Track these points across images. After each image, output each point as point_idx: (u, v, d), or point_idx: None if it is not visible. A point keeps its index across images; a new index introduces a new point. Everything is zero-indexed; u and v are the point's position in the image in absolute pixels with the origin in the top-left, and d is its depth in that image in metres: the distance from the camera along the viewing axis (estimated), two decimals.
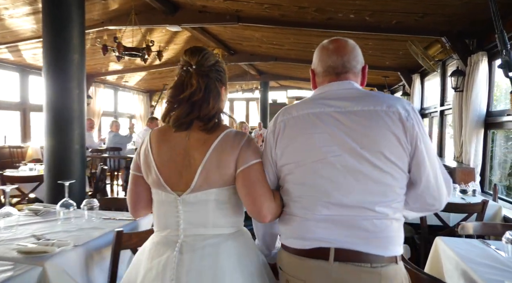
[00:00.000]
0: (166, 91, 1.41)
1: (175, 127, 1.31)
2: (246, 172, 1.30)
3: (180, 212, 1.32)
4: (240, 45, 8.12)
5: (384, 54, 6.97)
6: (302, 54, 7.94)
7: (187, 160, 1.31)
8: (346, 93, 1.32)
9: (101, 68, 8.98)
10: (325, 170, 1.24)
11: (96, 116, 10.08)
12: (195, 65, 1.33)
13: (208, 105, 1.32)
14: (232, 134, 1.34)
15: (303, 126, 1.29)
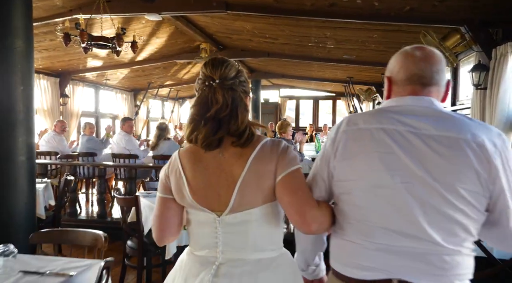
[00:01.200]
0: (190, 110, 1.30)
1: (205, 147, 1.23)
2: (287, 179, 1.22)
3: (219, 233, 1.26)
4: (230, 39, 7.42)
5: (388, 49, 6.33)
6: (298, 49, 7.26)
7: (223, 178, 1.23)
8: (425, 112, 1.18)
9: (78, 64, 8.21)
10: (391, 196, 1.14)
11: (75, 117, 9.30)
12: (219, 79, 1.24)
13: (236, 120, 1.23)
14: (269, 144, 1.25)
15: (370, 143, 1.18)
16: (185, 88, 13.24)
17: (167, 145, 5.55)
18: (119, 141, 5.83)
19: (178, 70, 10.25)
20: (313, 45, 6.65)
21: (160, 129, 5.51)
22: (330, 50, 6.88)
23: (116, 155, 5.76)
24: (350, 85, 10.85)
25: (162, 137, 5.57)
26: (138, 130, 12.10)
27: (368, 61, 7.55)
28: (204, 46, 7.32)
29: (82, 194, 6.65)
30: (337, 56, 7.47)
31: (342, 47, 6.59)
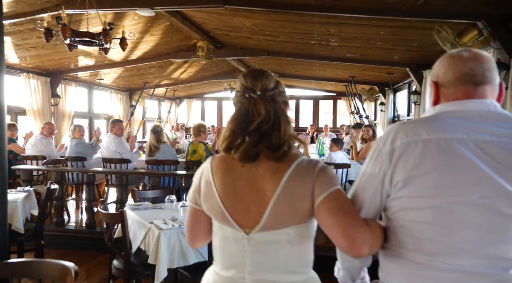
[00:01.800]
0: (228, 122, 1.24)
1: (243, 160, 1.16)
2: (328, 200, 1.14)
3: (247, 252, 1.19)
4: (228, 36, 7.07)
5: (395, 47, 6.01)
6: (299, 47, 6.92)
7: (255, 193, 1.18)
8: (493, 116, 1.10)
9: (69, 63, 7.85)
10: (467, 212, 1.05)
11: (67, 118, 8.94)
12: (260, 90, 1.19)
13: (279, 132, 1.18)
14: (306, 162, 1.19)
15: (439, 156, 1.06)
16: (182, 88, 12.89)
17: (163, 149, 5.20)
18: (109, 144, 5.47)
19: (174, 69, 9.90)
20: (316, 43, 6.31)
21: (156, 133, 5.17)
22: (333, 48, 6.54)
23: (107, 159, 5.41)
24: (352, 85, 10.54)
25: (159, 141, 5.22)
26: (133, 131, 11.76)
27: (373, 60, 7.22)
28: (201, 44, 6.97)
29: (72, 200, 6.32)
30: (340, 55, 7.13)
31: (346, 45, 6.26)
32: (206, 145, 5.18)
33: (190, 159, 5.16)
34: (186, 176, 4.35)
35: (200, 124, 5.26)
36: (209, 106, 15.59)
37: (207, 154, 5.04)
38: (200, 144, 5.10)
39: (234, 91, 1.29)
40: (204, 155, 5.03)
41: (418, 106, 7.16)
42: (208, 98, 15.42)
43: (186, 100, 15.10)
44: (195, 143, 5.17)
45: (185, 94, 14.61)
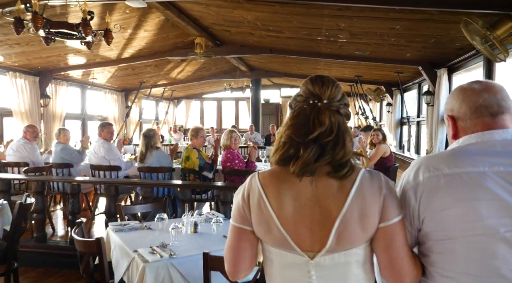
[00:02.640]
0: (283, 128, 1.14)
1: (300, 174, 1.08)
2: (390, 230, 1.10)
3: (313, 279, 1.12)
4: (228, 32, 6.60)
5: (409, 43, 5.54)
6: (304, 44, 6.45)
7: (317, 213, 1.09)
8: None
9: (59, 61, 7.37)
10: (495, 246, 1.05)
11: (58, 120, 8.46)
12: (327, 99, 1.11)
13: (342, 148, 1.09)
14: (368, 177, 1.12)
15: (463, 190, 1.09)
16: (180, 88, 12.42)
17: (156, 155, 4.72)
18: (97, 150, 4.98)
19: (171, 68, 9.43)
20: (323, 40, 5.84)
21: (147, 137, 4.69)
22: (341, 45, 6.07)
23: (95, 166, 4.92)
24: (358, 85, 10.07)
25: (150, 147, 4.74)
26: (129, 133, 11.29)
27: (383, 58, 6.76)
28: (199, 41, 6.50)
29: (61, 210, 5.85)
30: (348, 52, 6.66)
31: (355, 41, 5.78)
32: (201, 151, 4.69)
33: (184, 166, 4.68)
34: (181, 187, 3.88)
35: (198, 127, 4.78)
36: (208, 107, 15.11)
37: (200, 162, 4.55)
38: (193, 150, 4.62)
39: (294, 95, 1.18)
40: (197, 163, 4.55)
41: (431, 107, 6.68)
42: (207, 98, 14.94)
43: (184, 101, 14.63)
44: (189, 148, 4.69)
45: (183, 94, 14.14)
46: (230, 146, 4.65)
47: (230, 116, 14.82)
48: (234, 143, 4.64)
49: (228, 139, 4.63)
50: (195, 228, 2.68)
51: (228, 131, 4.73)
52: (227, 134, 4.67)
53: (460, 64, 6.03)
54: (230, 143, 4.63)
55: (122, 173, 5.12)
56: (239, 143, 4.76)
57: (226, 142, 4.65)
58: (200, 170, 4.58)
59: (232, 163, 4.58)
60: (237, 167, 4.58)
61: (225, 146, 4.68)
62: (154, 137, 4.81)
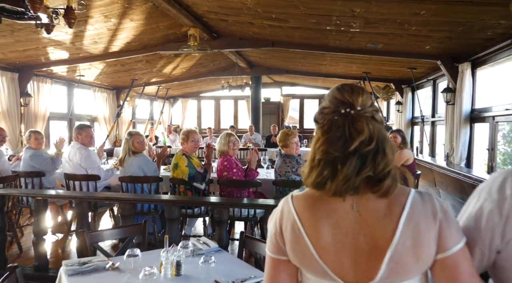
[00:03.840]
0: (314, 145, 1.04)
1: (341, 191, 0.98)
2: (451, 261, 0.97)
3: None
4: (225, 22, 5.89)
5: (431, 33, 4.85)
6: (311, 35, 5.75)
7: (362, 242, 0.99)
8: None
9: (38, 56, 6.67)
10: None
11: (40, 121, 7.76)
12: (360, 106, 1.02)
13: (383, 157, 1.00)
14: (419, 198, 1.01)
15: None
16: (176, 86, 11.71)
17: (137, 162, 4.04)
18: (72, 156, 4.27)
19: (164, 64, 8.72)
20: (332, 30, 5.14)
21: (126, 140, 4.02)
22: (353, 35, 5.37)
23: (69, 175, 4.22)
24: (365, 82, 9.39)
25: (130, 151, 4.06)
26: (121, 134, 10.59)
27: (397, 51, 6.07)
28: (192, 32, 5.80)
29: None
30: (359, 45, 5.96)
31: (370, 31, 5.09)
32: (191, 158, 4.00)
33: (173, 175, 3.99)
34: (165, 203, 3.18)
35: (189, 130, 4.09)
36: (206, 106, 14.40)
37: (190, 172, 3.87)
38: (183, 157, 3.93)
39: (319, 109, 1.06)
40: (187, 172, 3.86)
41: (452, 106, 5.99)
42: (205, 97, 14.23)
43: (181, 100, 13.92)
44: (178, 154, 4.01)
45: (179, 93, 13.43)
46: (227, 151, 3.96)
47: (228, 116, 14.11)
48: (232, 148, 3.95)
49: (225, 144, 3.94)
50: (177, 270, 1.99)
51: (225, 134, 4.03)
52: (224, 138, 3.97)
53: (486, 58, 5.34)
54: (227, 148, 3.94)
55: (102, 183, 4.43)
56: (237, 148, 4.07)
57: (223, 147, 3.96)
58: (190, 180, 3.89)
59: (230, 172, 3.89)
60: (235, 177, 3.89)
61: (222, 151, 4.00)
62: (136, 139, 4.13)
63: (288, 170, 3.83)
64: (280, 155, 3.99)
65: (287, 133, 3.96)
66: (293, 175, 3.84)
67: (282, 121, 13.41)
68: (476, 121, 5.66)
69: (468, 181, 4.81)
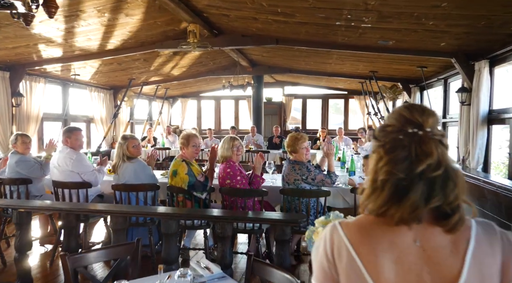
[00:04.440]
0: (376, 165, 0.97)
1: (407, 219, 0.90)
2: None
3: None
4: (227, 18, 5.55)
5: (449, 28, 4.51)
6: (319, 32, 5.41)
7: (427, 279, 0.91)
8: None
9: (30, 54, 6.33)
10: None
11: (33, 122, 7.42)
12: (430, 127, 0.95)
13: (455, 187, 0.92)
14: (482, 230, 0.96)
15: None
16: (175, 85, 11.37)
17: (132, 168, 3.70)
18: (62, 162, 3.92)
19: (163, 63, 8.37)
20: (342, 25, 4.80)
21: (119, 144, 3.69)
22: (363, 32, 5.03)
23: (58, 183, 3.88)
24: (371, 82, 9.05)
25: (124, 156, 3.71)
26: (118, 136, 10.25)
27: (409, 48, 5.73)
28: (192, 29, 5.45)
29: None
30: (369, 42, 5.63)
31: (382, 27, 4.75)
32: (192, 165, 3.65)
33: (170, 183, 3.64)
34: (162, 216, 2.84)
35: (189, 134, 3.74)
36: (206, 106, 14.04)
37: (190, 180, 3.52)
38: (182, 163, 3.58)
39: (381, 126, 0.99)
40: (187, 180, 3.52)
41: (467, 106, 5.65)
42: (205, 97, 13.87)
43: (180, 100, 13.56)
44: (177, 160, 3.66)
45: (179, 92, 13.08)
46: (230, 157, 3.62)
47: (229, 117, 13.76)
48: (236, 153, 3.61)
49: (228, 149, 3.60)
50: None
51: (229, 138, 3.69)
52: (228, 143, 3.63)
53: (506, 55, 5.00)
54: (231, 153, 3.60)
55: (94, 190, 4.08)
56: (242, 153, 3.73)
57: (226, 153, 3.61)
58: (189, 189, 3.54)
59: (233, 179, 3.54)
60: (239, 185, 3.54)
61: (224, 157, 3.65)
62: (130, 142, 3.79)
63: (297, 177, 3.49)
64: (289, 161, 3.64)
65: (296, 137, 3.60)
66: (303, 183, 3.49)
67: (284, 122, 13.06)
68: (494, 123, 5.32)
69: (488, 187, 4.47)
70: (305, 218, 2.70)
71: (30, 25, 2.46)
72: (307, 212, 3.49)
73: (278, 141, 9.82)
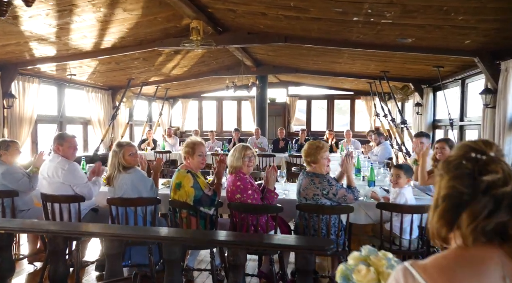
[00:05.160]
0: (439, 183, 0.96)
1: (479, 237, 0.87)
2: None
3: None
4: (233, 13, 5.14)
5: (478, 24, 4.11)
6: (332, 28, 5.00)
7: None
8: None
9: (21, 52, 5.91)
10: None
11: (27, 125, 7.02)
12: (494, 153, 0.95)
13: None
14: None
15: None
16: (176, 86, 10.95)
17: (129, 179, 3.29)
18: (52, 172, 3.49)
19: (163, 62, 7.96)
20: (360, 21, 4.39)
21: (114, 153, 3.29)
22: (382, 28, 4.63)
23: (48, 196, 3.47)
24: (380, 82, 8.66)
25: (120, 166, 3.31)
26: (117, 138, 9.83)
27: (428, 46, 5.33)
28: (195, 25, 5.04)
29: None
30: (386, 40, 5.23)
31: (404, 22, 4.35)
32: (198, 177, 3.23)
33: (173, 197, 3.23)
34: (163, 240, 2.43)
35: (195, 142, 3.32)
36: (207, 107, 13.61)
37: (196, 193, 3.11)
38: (188, 174, 3.17)
39: (444, 161, 0.99)
40: (192, 194, 3.11)
41: (492, 109, 5.25)
42: (206, 97, 13.44)
43: (181, 100, 13.15)
44: (181, 171, 3.24)
45: (179, 93, 12.67)
46: (240, 168, 3.20)
47: (231, 118, 13.35)
48: (247, 165, 3.20)
49: (239, 159, 3.18)
50: None
51: (241, 147, 3.26)
52: (239, 152, 3.21)
53: None
54: (241, 164, 3.18)
55: (88, 204, 3.68)
56: (254, 164, 3.31)
57: (236, 163, 3.20)
58: (195, 204, 3.14)
59: (244, 194, 3.13)
60: (251, 200, 3.13)
61: (234, 167, 3.23)
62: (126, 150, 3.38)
63: (317, 192, 3.07)
64: (306, 173, 3.22)
65: (318, 146, 3.17)
66: (323, 199, 3.08)
67: (288, 123, 12.65)
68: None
69: None
70: (333, 245, 2.29)
71: (5, 15, 2.05)
72: (328, 230, 3.09)
73: (283, 144, 9.40)
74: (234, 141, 9.36)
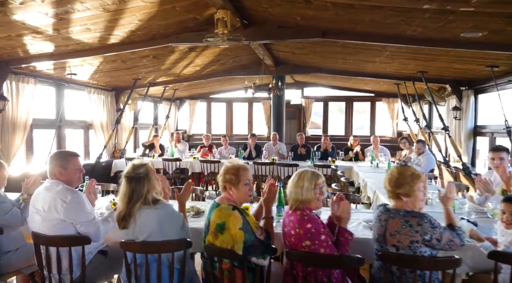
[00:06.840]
0: None
1: None
2: None
3: None
4: (264, 5, 4.27)
5: None
6: (387, 20, 4.14)
7: None
8: None
9: (15, 48, 5.05)
10: None
11: (20, 130, 6.16)
12: None
13: None
14: None
15: None
16: (185, 86, 10.07)
17: (155, 216, 2.42)
18: (50, 206, 2.59)
19: (176, 61, 7.09)
20: (430, 9, 3.54)
21: (135, 181, 2.41)
22: (453, 19, 3.78)
23: (40, 237, 2.60)
24: (412, 83, 7.82)
25: (141, 199, 2.42)
26: (121, 144, 8.97)
27: (500, 42, 4.47)
28: (221, 15, 4.19)
29: None
30: (449, 35, 4.39)
31: (486, 11, 3.49)
32: (247, 215, 2.35)
33: (212, 243, 2.36)
34: None
35: (239, 166, 2.44)
36: (216, 109, 12.70)
37: (247, 238, 2.23)
38: (234, 212, 2.29)
39: None
40: (241, 239, 2.22)
41: None
42: (215, 99, 12.55)
43: (188, 102, 12.27)
44: (224, 207, 2.36)
45: (187, 94, 11.80)
46: (309, 202, 2.34)
47: (242, 121, 12.47)
48: (317, 198, 2.33)
49: (309, 190, 2.30)
50: None
51: (310, 174, 2.34)
52: (309, 181, 2.31)
53: None
54: (311, 196, 2.32)
55: (96, 244, 2.81)
56: (324, 196, 2.44)
57: (305, 195, 2.31)
58: (245, 252, 2.27)
59: (315, 240, 2.25)
60: (324, 250, 2.26)
61: (300, 201, 2.36)
62: (147, 179, 2.48)
63: (416, 238, 2.20)
64: (395, 211, 2.34)
65: (414, 173, 2.28)
66: (424, 247, 2.22)
67: (303, 127, 11.79)
68: None
69: None
70: None
71: None
72: None
73: (304, 151, 8.51)
74: (250, 148, 8.50)
